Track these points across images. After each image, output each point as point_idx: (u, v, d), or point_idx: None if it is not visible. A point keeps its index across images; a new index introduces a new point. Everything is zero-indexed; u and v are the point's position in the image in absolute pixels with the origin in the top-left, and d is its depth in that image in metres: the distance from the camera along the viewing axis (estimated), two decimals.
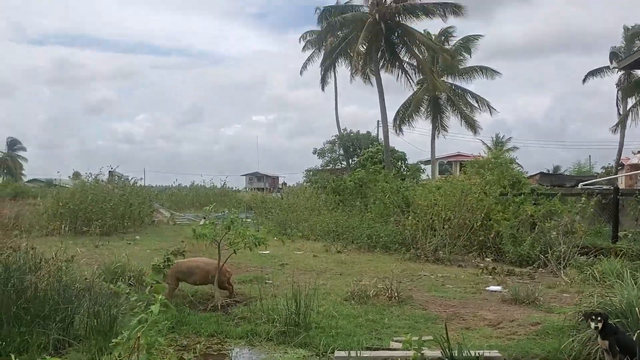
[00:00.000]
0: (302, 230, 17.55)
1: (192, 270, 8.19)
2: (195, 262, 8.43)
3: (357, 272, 10.74)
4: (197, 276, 8.16)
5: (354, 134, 46.29)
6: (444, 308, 7.84)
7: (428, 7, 29.21)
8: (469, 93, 42.30)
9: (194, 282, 8.27)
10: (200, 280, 8.21)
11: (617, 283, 5.50)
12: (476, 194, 13.50)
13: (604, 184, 24.18)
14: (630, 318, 4.92)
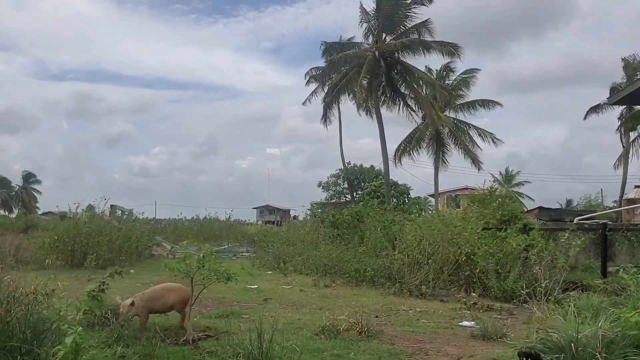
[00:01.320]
0: (295, 264, 17.69)
1: (155, 296, 8.33)
2: (157, 288, 8.61)
3: (337, 307, 10.82)
4: (159, 303, 8.30)
5: (358, 168, 46.66)
6: (411, 343, 7.93)
7: (427, 44, 29.72)
8: (473, 127, 42.73)
9: (157, 310, 8.39)
10: (161, 307, 8.34)
11: (559, 320, 5.61)
12: (460, 229, 13.58)
13: (602, 218, 24.20)
14: (567, 354, 5.03)
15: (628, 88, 16.95)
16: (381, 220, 17.91)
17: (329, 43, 32.32)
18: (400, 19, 30.05)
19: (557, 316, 6.02)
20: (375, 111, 31.61)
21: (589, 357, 4.87)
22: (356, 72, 29.62)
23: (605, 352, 4.95)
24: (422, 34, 29.90)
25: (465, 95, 44.15)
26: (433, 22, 29.93)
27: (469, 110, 42.96)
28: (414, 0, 29.84)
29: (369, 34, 31.29)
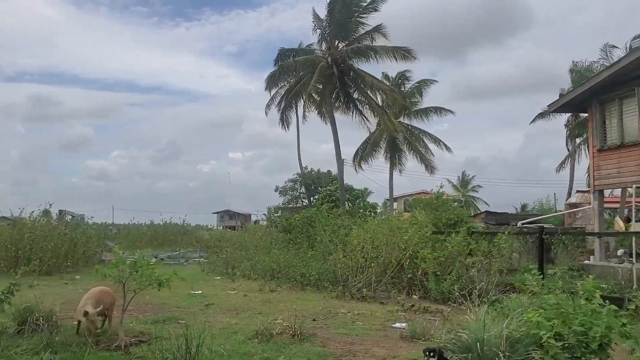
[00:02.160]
0: (243, 270, 17.73)
1: (99, 300, 8.31)
2: (96, 292, 8.57)
3: (277, 311, 10.92)
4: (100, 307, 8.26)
5: (315, 172, 46.93)
6: (342, 345, 8.10)
7: (379, 50, 30.16)
8: (426, 133, 43.60)
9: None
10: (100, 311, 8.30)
11: (470, 320, 5.85)
12: (402, 233, 13.86)
13: (550, 222, 25.01)
14: (474, 353, 5.27)
15: (565, 96, 17.64)
16: (330, 224, 18.06)
17: (283, 49, 32.49)
18: (353, 25, 30.42)
19: (467, 317, 6.25)
20: (329, 116, 31.87)
21: (494, 355, 5.10)
22: (309, 77, 29.83)
23: (510, 351, 5.19)
24: (375, 39, 30.32)
25: (419, 102, 45.11)
26: (386, 26, 30.39)
27: (422, 117, 43.86)
28: (365, 7, 30.24)
29: (322, 40, 31.63)
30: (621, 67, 15.59)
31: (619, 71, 15.77)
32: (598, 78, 16.54)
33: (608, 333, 4.81)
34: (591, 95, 17.21)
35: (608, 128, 17.17)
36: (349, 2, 29.82)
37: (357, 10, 30.18)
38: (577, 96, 17.35)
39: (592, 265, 15.65)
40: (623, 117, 16.50)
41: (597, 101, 17.22)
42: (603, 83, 16.47)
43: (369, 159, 44.20)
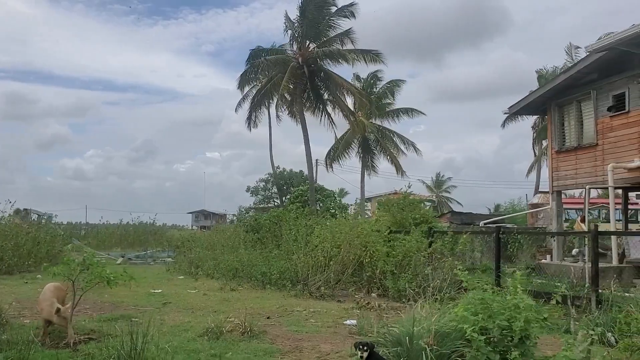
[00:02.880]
0: (207, 269, 17.75)
1: (49, 300, 8.28)
2: (52, 288, 8.52)
3: (233, 310, 10.95)
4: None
5: (287, 173, 47.05)
6: (291, 342, 8.22)
7: (348, 53, 30.42)
8: (396, 134, 44.03)
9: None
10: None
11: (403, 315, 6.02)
12: (359, 231, 14.05)
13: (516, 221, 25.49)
14: (404, 346, 5.43)
15: (525, 99, 18.02)
16: (295, 224, 18.18)
17: (255, 49, 32.53)
18: (324, 27, 30.60)
19: (399, 313, 6.42)
20: (299, 116, 31.99)
21: (421, 349, 5.27)
22: (280, 77, 29.93)
23: (438, 345, 5.37)
24: (345, 43, 30.56)
25: (392, 103, 45.53)
26: (356, 31, 30.70)
27: (393, 118, 44.30)
28: (337, 12, 30.47)
29: (293, 41, 31.77)
30: (577, 70, 16.01)
31: (575, 75, 16.18)
32: (556, 81, 16.96)
33: (527, 327, 5.01)
34: (550, 98, 17.62)
35: (567, 130, 17.59)
36: (321, 4, 29.99)
37: (328, 13, 30.38)
38: (537, 99, 17.74)
39: (548, 264, 16.02)
40: (581, 120, 16.92)
41: (556, 104, 17.64)
42: (561, 86, 16.89)
43: (341, 159, 44.55)
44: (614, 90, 15.51)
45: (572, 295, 11.00)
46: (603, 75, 15.76)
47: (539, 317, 5.17)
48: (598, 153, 15.93)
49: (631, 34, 12.58)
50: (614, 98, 15.50)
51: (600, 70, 15.71)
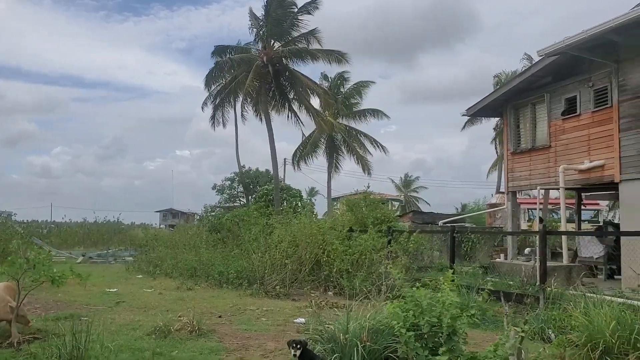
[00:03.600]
0: (165, 268, 17.67)
1: (2, 299, 8.19)
2: (3, 287, 8.43)
3: (186, 309, 10.90)
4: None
5: (254, 171, 46.99)
6: (238, 340, 8.29)
7: (314, 53, 30.53)
8: (363, 134, 44.38)
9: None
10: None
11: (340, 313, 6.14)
12: (316, 230, 14.19)
13: (465, 221, 25.93)
14: (338, 343, 5.56)
15: (481, 101, 18.36)
16: (255, 223, 18.23)
17: (218, 46, 32.42)
18: (288, 27, 30.65)
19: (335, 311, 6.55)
20: (264, 115, 32.00)
21: (354, 345, 5.40)
22: (245, 76, 29.89)
23: (371, 341, 5.51)
24: (311, 42, 30.65)
25: (359, 103, 45.86)
26: (321, 30, 30.79)
27: (360, 118, 44.64)
28: (300, 9, 30.53)
29: (258, 39, 31.74)
30: (532, 74, 16.40)
31: (530, 78, 16.57)
32: (511, 84, 17.35)
33: (453, 323, 5.18)
34: (506, 101, 18.01)
35: (522, 132, 18.01)
36: (284, 3, 30.03)
37: (292, 12, 30.43)
38: (493, 101, 18.11)
39: (501, 263, 16.40)
40: (535, 122, 17.34)
41: (512, 106, 18.03)
42: (516, 89, 17.29)
43: (308, 158, 44.70)
44: (566, 93, 15.94)
45: (517, 294, 11.38)
46: (556, 78, 16.19)
47: (466, 313, 5.34)
48: (551, 155, 16.36)
49: (580, 39, 12.95)
50: (566, 101, 15.93)
51: (554, 73, 16.13)
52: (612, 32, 12.56)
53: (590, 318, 7.37)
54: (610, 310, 7.39)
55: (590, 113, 15.05)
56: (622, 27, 12.29)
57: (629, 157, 13.71)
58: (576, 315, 7.58)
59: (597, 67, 14.73)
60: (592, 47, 13.84)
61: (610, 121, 14.30)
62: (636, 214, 13.36)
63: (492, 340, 8.21)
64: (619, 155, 13.95)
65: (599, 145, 14.66)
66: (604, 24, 12.35)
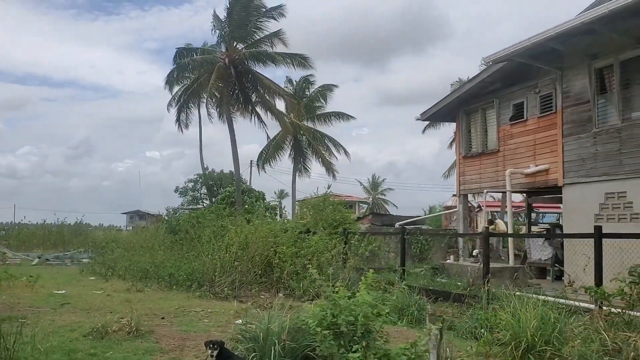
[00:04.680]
0: (118, 270, 17.55)
1: None
2: None
3: (131, 310, 10.89)
4: None
5: (217, 173, 46.84)
6: (176, 341, 8.34)
7: (275, 56, 30.65)
8: (327, 137, 44.63)
9: None
10: None
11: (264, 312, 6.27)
12: (267, 233, 14.29)
13: (424, 223, 26.34)
14: (259, 342, 5.68)
15: (434, 106, 18.73)
16: (209, 225, 18.23)
17: (181, 48, 32.28)
18: (252, 29, 30.68)
19: (255, 311, 6.67)
20: (226, 117, 31.95)
21: (272, 344, 5.53)
22: (207, 77, 29.83)
23: (291, 340, 5.64)
24: (275, 45, 30.74)
25: (323, 106, 46.12)
26: (285, 33, 30.89)
27: (325, 121, 44.88)
28: (264, 13, 30.60)
29: (221, 41, 31.70)
30: (481, 80, 16.80)
31: (479, 84, 16.97)
32: (462, 90, 17.74)
33: (367, 321, 5.35)
34: (458, 106, 18.40)
35: (473, 136, 18.42)
36: (248, 5, 30.05)
37: (256, 14, 30.47)
38: (445, 106, 18.49)
39: (451, 265, 16.73)
40: (486, 127, 17.76)
41: (464, 111, 18.44)
42: (467, 94, 17.68)
43: (273, 161, 44.72)
44: (514, 99, 16.38)
45: (455, 294, 11.66)
46: (505, 84, 16.62)
47: (379, 312, 5.52)
48: (499, 159, 16.77)
49: (522, 47, 13.34)
50: (514, 107, 16.37)
51: (503, 80, 16.56)
52: (553, 41, 12.96)
53: (515, 318, 7.65)
54: (534, 310, 7.68)
55: (536, 118, 15.50)
56: (562, 36, 12.70)
57: (571, 161, 14.16)
58: (502, 315, 7.85)
59: (543, 74, 15.18)
60: (537, 55, 14.24)
61: (554, 126, 14.75)
62: (577, 217, 13.81)
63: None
64: (562, 160, 14.39)
65: (544, 150, 15.10)
66: (544, 32, 12.75)
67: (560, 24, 12.46)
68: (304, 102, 43.67)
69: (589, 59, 13.72)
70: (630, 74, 12.86)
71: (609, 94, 13.45)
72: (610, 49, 13.07)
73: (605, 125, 13.38)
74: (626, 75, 12.96)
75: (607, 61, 13.35)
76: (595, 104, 13.61)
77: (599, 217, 13.29)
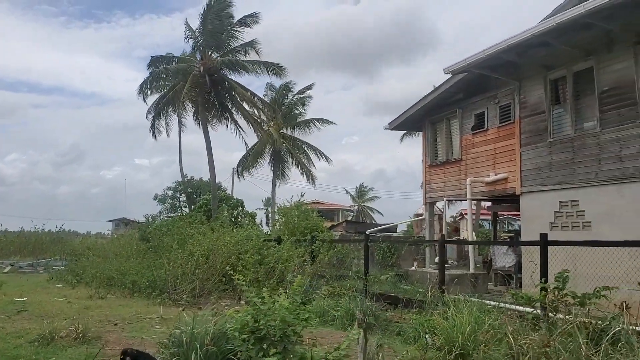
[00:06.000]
0: (85, 278, 17.60)
1: None
2: None
3: (87, 317, 11.03)
4: None
5: (197, 181, 46.88)
6: (121, 346, 8.38)
7: (247, 65, 30.91)
8: (307, 145, 44.85)
9: None
10: None
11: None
12: (228, 240, 14.46)
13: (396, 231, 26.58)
14: (184, 347, 5.84)
15: (401, 116, 19.00)
16: (179, 234, 18.36)
17: (155, 57, 32.43)
18: (226, 38, 30.91)
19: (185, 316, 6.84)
20: (202, 125, 32.11)
21: (194, 349, 5.70)
22: (182, 86, 29.99)
23: (215, 345, 5.82)
24: (249, 53, 31.00)
25: (303, 113, 46.38)
26: (260, 42, 31.20)
27: (304, 129, 45.12)
28: (239, 21, 30.87)
29: (196, 50, 31.90)
30: (444, 90, 17.11)
31: (443, 94, 17.29)
32: (426, 100, 18.02)
33: (284, 326, 5.54)
34: (424, 115, 18.70)
35: (439, 145, 18.71)
36: (221, 14, 30.28)
37: (229, 23, 30.71)
38: (412, 116, 18.77)
39: (414, 271, 16.96)
40: (450, 136, 18.07)
41: (429, 121, 18.74)
42: (432, 104, 17.97)
43: (253, 168, 44.85)
44: (476, 109, 16.70)
45: (406, 299, 11.89)
46: (467, 95, 16.94)
47: (299, 317, 5.71)
48: (462, 168, 17.07)
49: (478, 58, 13.64)
50: (475, 117, 16.68)
51: (465, 90, 16.89)
52: (507, 52, 13.26)
53: (450, 323, 7.88)
54: (469, 316, 7.92)
55: (496, 128, 15.81)
56: (516, 48, 13.01)
57: (528, 170, 14.46)
58: (438, 320, 8.09)
59: (503, 84, 15.51)
60: (496, 66, 14.56)
61: (512, 136, 15.07)
62: (534, 225, 14.07)
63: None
64: (519, 169, 14.69)
65: (503, 159, 15.41)
66: (499, 43, 13.06)
67: (513, 35, 12.76)
68: (283, 110, 43.92)
69: (545, 71, 14.06)
70: (582, 85, 13.21)
71: (563, 105, 13.78)
72: (564, 61, 13.42)
73: (559, 135, 13.71)
74: (578, 86, 13.31)
75: (560, 72, 13.71)
76: (550, 115, 13.94)
77: (554, 225, 13.58)
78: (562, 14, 11.63)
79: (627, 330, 5.94)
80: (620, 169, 12.00)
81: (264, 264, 14.31)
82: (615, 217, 12.04)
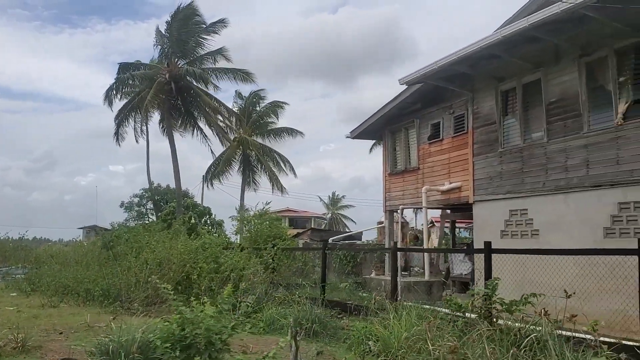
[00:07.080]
0: (40, 286, 17.36)
1: None
2: None
3: (32, 326, 10.90)
4: None
5: (163, 188, 46.57)
6: (61, 355, 8.36)
7: (214, 73, 30.95)
8: (276, 153, 44.89)
9: None
10: None
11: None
12: (182, 248, 14.46)
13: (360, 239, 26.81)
14: (111, 355, 5.86)
15: (362, 125, 19.22)
16: (136, 241, 18.24)
17: (123, 64, 32.27)
18: (193, 45, 30.92)
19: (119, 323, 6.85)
20: (167, 132, 31.98)
21: (119, 357, 5.73)
22: (147, 93, 29.86)
23: (142, 353, 5.85)
24: (218, 60, 31.02)
25: (274, 122, 46.48)
26: (229, 49, 31.26)
27: (275, 137, 45.20)
28: (206, 28, 30.89)
29: (163, 56, 31.81)
30: (401, 100, 17.38)
31: (400, 104, 17.56)
32: (385, 109, 18.27)
33: (209, 334, 5.61)
34: (384, 124, 18.95)
35: (398, 154, 18.98)
36: (188, 21, 30.29)
37: (197, 30, 30.72)
38: (372, 125, 19.01)
39: (371, 279, 17.14)
40: (408, 145, 18.34)
41: (389, 130, 19.00)
42: (391, 114, 18.24)
43: (223, 176, 44.69)
44: (432, 119, 17.00)
45: (352, 305, 12.02)
46: (425, 105, 17.24)
47: (225, 326, 5.80)
48: (419, 176, 17.34)
49: (430, 69, 13.92)
50: (432, 127, 16.98)
51: (422, 100, 17.18)
52: (459, 64, 13.57)
53: (388, 329, 8.02)
54: (406, 322, 8.07)
55: (450, 138, 16.11)
56: (466, 59, 13.32)
57: (480, 179, 14.76)
58: (376, 327, 8.22)
59: (457, 95, 15.83)
60: (451, 77, 14.86)
61: (466, 146, 15.36)
62: (485, 233, 14.34)
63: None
64: (472, 178, 14.99)
65: (457, 168, 15.70)
66: (450, 55, 13.34)
67: (463, 47, 13.04)
68: (253, 118, 43.94)
69: (496, 82, 14.39)
70: (531, 97, 13.56)
71: (513, 115, 14.12)
72: (513, 73, 13.77)
73: (509, 145, 14.03)
74: (527, 97, 13.66)
75: (511, 84, 14.05)
76: (501, 125, 14.26)
77: (505, 233, 13.87)
78: (509, 27, 11.95)
79: (546, 334, 6.14)
80: (565, 179, 12.32)
81: (219, 272, 14.32)
82: (561, 226, 12.35)
